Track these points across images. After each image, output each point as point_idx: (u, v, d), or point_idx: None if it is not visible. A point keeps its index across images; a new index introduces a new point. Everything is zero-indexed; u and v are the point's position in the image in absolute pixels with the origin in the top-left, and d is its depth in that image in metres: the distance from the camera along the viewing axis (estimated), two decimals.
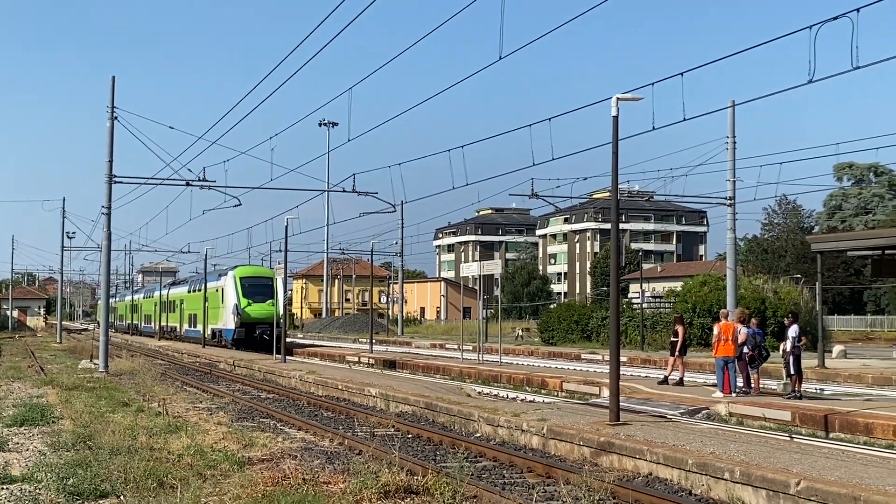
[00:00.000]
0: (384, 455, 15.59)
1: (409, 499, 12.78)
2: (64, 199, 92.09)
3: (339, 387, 30.56)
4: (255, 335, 57.59)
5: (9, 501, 12.43)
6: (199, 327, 67.51)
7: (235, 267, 65.12)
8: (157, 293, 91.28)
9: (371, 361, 49.42)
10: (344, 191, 45.42)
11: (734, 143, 42.85)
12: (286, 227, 47.59)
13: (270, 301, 56.45)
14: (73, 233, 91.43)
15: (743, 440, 17.19)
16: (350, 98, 55.33)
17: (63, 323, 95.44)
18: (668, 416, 21.85)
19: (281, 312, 53.77)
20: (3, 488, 13.32)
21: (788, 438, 18.31)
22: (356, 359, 52.22)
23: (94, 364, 41.36)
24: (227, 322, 60.53)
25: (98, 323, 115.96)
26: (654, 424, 19.38)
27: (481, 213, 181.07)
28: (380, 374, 39.82)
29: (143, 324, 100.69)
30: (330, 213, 78.20)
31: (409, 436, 20.84)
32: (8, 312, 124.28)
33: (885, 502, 11.45)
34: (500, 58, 24.34)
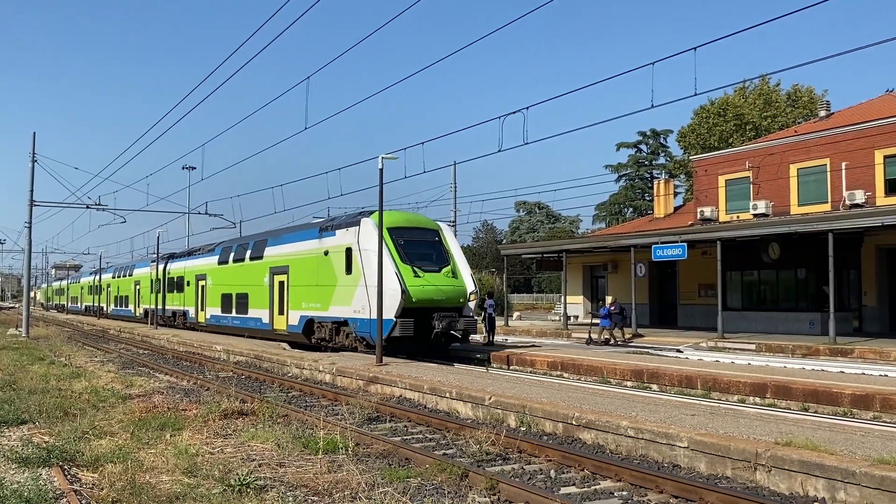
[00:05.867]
0: (225, 390, 15.13)
1: (241, 419, 12.40)
2: None
3: (195, 345, 29.23)
4: (432, 329, 21.28)
5: None
6: (260, 313, 29.05)
7: (363, 212, 23.49)
8: (140, 269, 49.51)
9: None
10: (199, 213, 43.87)
11: (455, 187, 44.08)
12: (158, 237, 44.85)
13: (448, 270, 22.40)
14: (4, 240, 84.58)
15: (458, 372, 17.56)
16: (203, 152, 53.23)
17: None
18: (414, 358, 22.05)
19: (471, 288, 22.56)
20: None
21: (486, 370, 18.85)
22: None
23: (19, 331, 38.24)
24: (370, 307, 21.09)
25: (44, 304, 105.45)
26: (404, 364, 19.53)
27: None
28: (224, 335, 38.44)
29: (111, 306, 57.84)
30: (190, 229, 74.31)
31: (243, 377, 20.21)
32: None
33: (539, 408, 11.94)
34: (306, 128, 24.07)
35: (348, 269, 22.74)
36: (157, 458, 9.28)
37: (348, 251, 22.78)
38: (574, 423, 11.14)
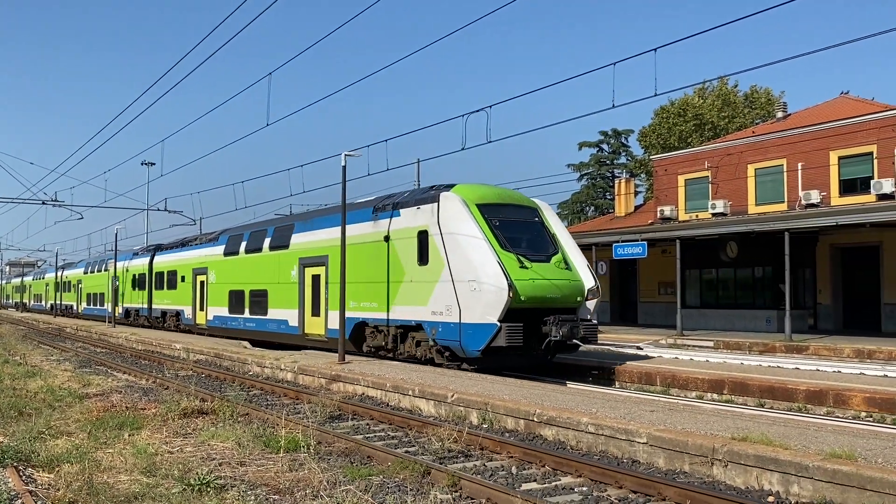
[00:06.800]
0: (184, 389, 14.97)
1: (201, 418, 12.30)
2: None
3: (154, 343, 28.84)
4: (544, 336, 16.53)
5: None
6: (284, 314, 23.98)
7: (436, 186, 18.52)
8: (119, 264, 41.54)
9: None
10: (158, 210, 43.23)
11: (419, 185, 44.09)
12: (116, 234, 44.29)
13: (558, 259, 17.53)
14: None
15: (422, 371, 17.50)
16: (162, 147, 52.70)
17: None
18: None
19: (590, 283, 17.68)
20: None
21: (455, 369, 18.80)
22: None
23: None
24: (460, 307, 16.44)
25: (0, 302, 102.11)
26: (367, 362, 19.45)
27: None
28: (183, 333, 37.98)
29: (84, 304, 51.61)
30: (148, 226, 73.12)
31: (203, 375, 20.02)
32: None
33: (501, 405, 12.01)
34: (268, 124, 24.06)
35: (422, 259, 17.87)
36: (115, 457, 9.16)
37: (422, 235, 17.91)
38: (535, 419, 11.23)
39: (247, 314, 26.91)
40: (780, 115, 41.24)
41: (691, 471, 8.89)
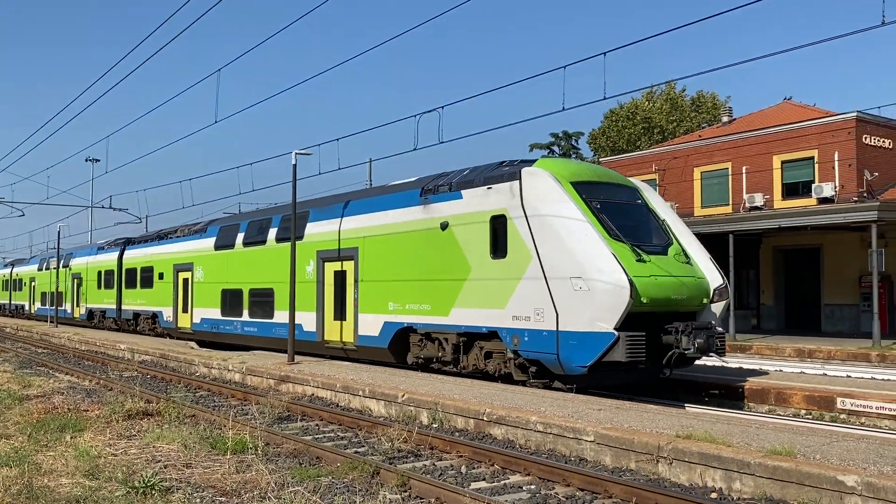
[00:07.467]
0: (129, 390, 14.73)
1: (146, 419, 12.08)
2: None
3: (98, 343, 28.20)
4: (667, 348, 12.95)
5: None
6: (297, 317, 19.60)
7: (507, 163, 14.98)
8: (80, 259, 38.69)
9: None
10: (103, 207, 42.42)
11: (371, 184, 43.98)
12: (59, 231, 43.17)
13: (676, 251, 14.13)
14: None
15: (372, 370, 17.46)
16: (108, 143, 51.49)
17: None
18: (326, 356, 21.80)
19: (718, 281, 14.25)
20: None
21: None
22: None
23: None
24: (556, 310, 12.89)
25: None
26: (317, 363, 19.31)
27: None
28: (129, 333, 37.21)
29: (37, 304, 47.24)
30: (92, 223, 71.53)
31: (148, 376, 19.64)
32: None
33: (451, 404, 12.03)
34: (216, 121, 23.85)
35: (497, 250, 14.45)
36: (57, 460, 8.96)
37: (498, 221, 14.49)
38: (485, 418, 11.29)
39: (245, 317, 23.22)
40: (725, 119, 42.13)
41: (637, 468, 9.04)
